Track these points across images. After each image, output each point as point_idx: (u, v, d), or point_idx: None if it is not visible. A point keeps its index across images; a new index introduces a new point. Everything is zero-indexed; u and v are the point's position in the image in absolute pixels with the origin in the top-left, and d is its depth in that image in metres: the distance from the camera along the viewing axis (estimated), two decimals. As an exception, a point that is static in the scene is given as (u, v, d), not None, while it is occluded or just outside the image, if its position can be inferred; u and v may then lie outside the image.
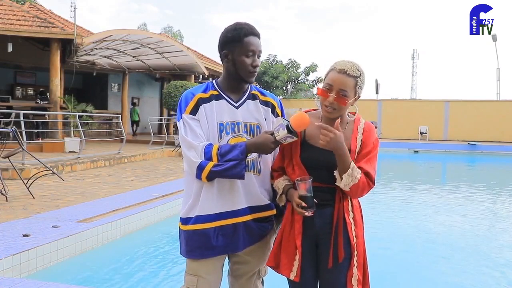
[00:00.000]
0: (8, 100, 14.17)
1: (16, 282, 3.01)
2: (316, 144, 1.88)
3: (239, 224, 1.92)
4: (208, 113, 1.92)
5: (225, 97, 1.97)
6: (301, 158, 1.90)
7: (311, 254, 1.92)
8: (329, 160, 1.84)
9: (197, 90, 1.98)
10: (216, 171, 1.80)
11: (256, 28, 1.97)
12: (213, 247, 1.91)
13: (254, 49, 1.92)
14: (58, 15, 15.21)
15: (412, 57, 54.53)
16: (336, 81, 1.80)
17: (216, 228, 1.90)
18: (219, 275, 2.02)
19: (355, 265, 1.86)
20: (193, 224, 1.92)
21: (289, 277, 1.91)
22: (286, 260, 1.91)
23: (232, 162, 1.80)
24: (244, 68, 1.93)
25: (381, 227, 6.02)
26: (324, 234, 1.88)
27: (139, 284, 3.85)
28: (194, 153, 1.84)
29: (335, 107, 1.82)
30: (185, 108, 1.93)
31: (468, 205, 8.17)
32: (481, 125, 23.49)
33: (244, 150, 1.82)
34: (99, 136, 15.87)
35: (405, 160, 18.26)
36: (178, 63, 16.20)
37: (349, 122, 1.94)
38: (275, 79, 30.63)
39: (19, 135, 7.55)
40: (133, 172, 9.09)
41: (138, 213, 5.13)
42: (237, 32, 1.92)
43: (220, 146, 1.85)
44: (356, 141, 1.88)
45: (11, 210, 5.13)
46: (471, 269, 4.46)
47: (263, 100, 2.06)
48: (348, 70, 1.81)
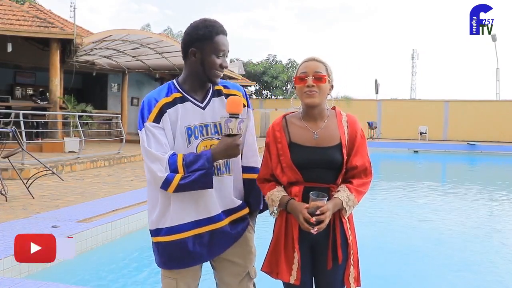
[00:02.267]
0: (8, 100, 14.17)
1: (16, 282, 3.00)
2: (304, 143, 1.89)
3: (216, 231, 1.85)
4: (173, 119, 1.80)
5: (190, 99, 1.85)
6: (292, 159, 1.87)
7: (308, 257, 1.92)
8: (322, 158, 1.85)
9: (160, 95, 1.84)
10: (184, 184, 1.71)
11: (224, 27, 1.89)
12: (192, 256, 1.84)
13: (225, 49, 1.84)
14: (57, 15, 15.20)
15: (412, 57, 54.46)
16: (309, 67, 1.89)
17: (192, 237, 1.82)
18: (198, 274, 1.97)
19: (351, 263, 1.89)
20: (165, 235, 1.83)
21: (289, 281, 1.89)
22: (285, 265, 1.90)
23: (199, 172, 1.71)
24: (212, 69, 1.83)
25: (381, 227, 6.02)
26: (321, 235, 1.87)
27: (138, 284, 3.86)
28: (159, 165, 1.72)
29: (316, 89, 1.86)
30: (147, 115, 1.79)
31: (468, 205, 8.17)
32: (481, 125, 23.51)
33: (210, 158, 1.73)
34: (98, 136, 15.86)
35: (404, 160, 18.27)
36: (178, 63, 16.19)
37: (330, 115, 1.96)
38: (274, 79, 30.64)
39: (19, 135, 7.55)
40: (133, 172, 9.09)
41: (137, 213, 5.13)
42: (208, 30, 1.81)
43: (184, 156, 1.74)
44: (344, 135, 1.90)
45: (10, 210, 5.13)
46: (471, 269, 4.46)
47: (228, 94, 1.93)
48: (316, 57, 1.93)
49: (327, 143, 1.88)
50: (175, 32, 40.58)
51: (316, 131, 1.90)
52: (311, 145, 1.88)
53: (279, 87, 31.11)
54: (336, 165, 1.86)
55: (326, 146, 1.87)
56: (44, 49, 12.93)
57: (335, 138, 1.89)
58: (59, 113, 11.66)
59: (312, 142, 1.89)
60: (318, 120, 1.93)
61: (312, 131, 1.91)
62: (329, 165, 1.85)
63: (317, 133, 1.90)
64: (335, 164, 1.86)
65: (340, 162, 1.86)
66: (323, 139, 1.88)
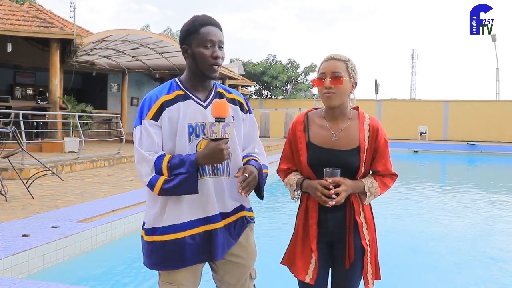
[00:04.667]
0: (8, 100, 14.17)
1: (15, 282, 2.99)
2: (322, 144, 1.88)
3: (214, 231, 1.81)
4: (174, 116, 1.78)
5: (192, 97, 1.84)
6: (308, 160, 1.88)
7: (325, 256, 1.94)
8: (338, 160, 1.84)
9: (162, 92, 1.82)
10: (167, 188, 1.70)
11: (215, 19, 1.85)
12: (188, 257, 1.79)
13: (213, 39, 1.78)
14: (57, 15, 15.21)
15: (412, 57, 54.48)
16: (327, 67, 1.86)
17: (189, 237, 1.79)
18: (198, 281, 1.93)
19: (368, 261, 1.91)
20: (161, 234, 1.80)
21: (305, 280, 1.90)
22: (301, 264, 1.92)
23: (182, 176, 1.69)
24: (203, 61, 1.78)
25: (380, 227, 6.00)
26: (338, 236, 1.90)
27: (138, 284, 3.85)
28: (145, 167, 1.73)
29: (334, 91, 1.83)
30: (147, 112, 1.77)
31: (467, 205, 8.16)
32: (481, 125, 23.52)
33: (194, 162, 1.69)
34: (98, 136, 15.85)
35: (404, 160, 18.25)
36: (178, 63, 16.19)
37: (352, 116, 1.92)
38: (274, 79, 30.64)
39: (19, 135, 7.54)
40: (133, 172, 9.08)
41: (137, 213, 5.12)
42: (193, 23, 1.80)
43: (170, 158, 1.72)
44: (364, 139, 1.87)
45: (10, 210, 5.12)
46: (470, 269, 4.46)
47: (229, 98, 1.93)
48: (336, 56, 1.89)
49: (345, 146, 1.87)
50: (174, 32, 40.59)
51: (336, 132, 1.89)
52: (328, 147, 1.87)
53: (279, 87, 31.11)
54: (353, 168, 1.86)
55: (343, 149, 1.86)
56: (44, 49, 12.92)
57: (354, 141, 1.87)
58: (59, 113, 11.65)
59: (329, 144, 1.88)
60: (339, 120, 1.91)
61: (332, 132, 1.89)
62: (345, 168, 1.84)
63: (336, 134, 1.88)
64: (352, 167, 1.86)
65: (357, 166, 1.85)
66: (342, 142, 1.87)
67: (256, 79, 30.13)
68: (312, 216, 1.90)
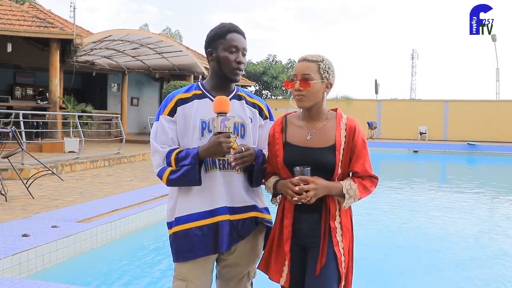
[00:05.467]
0: (8, 100, 14.17)
1: (15, 282, 3.00)
2: (297, 143, 1.87)
3: (220, 223, 1.86)
4: (188, 112, 1.89)
5: (208, 96, 1.93)
6: (284, 159, 1.86)
7: (300, 259, 1.89)
8: (312, 158, 1.83)
9: (180, 91, 1.97)
10: (172, 179, 1.83)
11: (241, 28, 1.96)
12: (196, 248, 1.86)
13: (237, 45, 1.90)
14: (57, 15, 15.24)
15: (412, 57, 54.46)
16: (298, 68, 1.87)
17: (197, 228, 1.85)
18: (209, 279, 1.95)
19: (343, 272, 1.82)
20: (175, 226, 1.89)
21: (279, 282, 1.90)
22: (276, 266, 1.90)
23: (185, 167, 1.79)
24: (227, 65, 1.90)
25: (380, 227, 6.02)
26: (311, 240, 1.85)
27: (138, 284, 3.85)
28: (157, 158, 1.87)
29: (304, 93, 1.83)
30: (164, 108, 1.92)
31: (467, 205, 8.16)
32: (481, 125, 23.50)
33: (196, 155, 1.79)
34: (98, 136, 15.85)
35: (404, 160, 18.27)
36: (178, 63, 16.20)
37: (330, 117, 1.92)
38: (274, 79, 30.62)
39: (19, 135, 7.54)
40: (133, 172, 9.09)
41: (137, 213, 5.13)
42: (220, 29, 1.92)
43: (179, 150, 1.85)
44: (340, 138, 1.85)
45: (10, 210, 5.12)
46: (471, 269, 4.46)
47: (249, 102, 2.02)
48: (308, 56, 1.89)
49: (320, 144, 1.85)
50: (174, 32, 40.59)
51: (312, 131, 1.88)
52: (303, 145, 1.86)
53: (279, 87, 31.08)
54: (328, 167, 1.82)
55: (318, 147, 1.84)
56: (44, 49, 12.94)
57: (329, 139, 1.85)
58: (59, 113, 11.66)
59: (305, 142, 1.87)
60: (315, 120, 1.90)
61: (308, 131, 1.89)
62: (320, 166, 1.81)
63: (311, 133, 1.88)
64: (327, 166, 1.82)
65: (333, 164, 1.82)
66: (317, 140, 1.86)
67: (256, 79, 30.12)
68: (288, 216, 1.88)
